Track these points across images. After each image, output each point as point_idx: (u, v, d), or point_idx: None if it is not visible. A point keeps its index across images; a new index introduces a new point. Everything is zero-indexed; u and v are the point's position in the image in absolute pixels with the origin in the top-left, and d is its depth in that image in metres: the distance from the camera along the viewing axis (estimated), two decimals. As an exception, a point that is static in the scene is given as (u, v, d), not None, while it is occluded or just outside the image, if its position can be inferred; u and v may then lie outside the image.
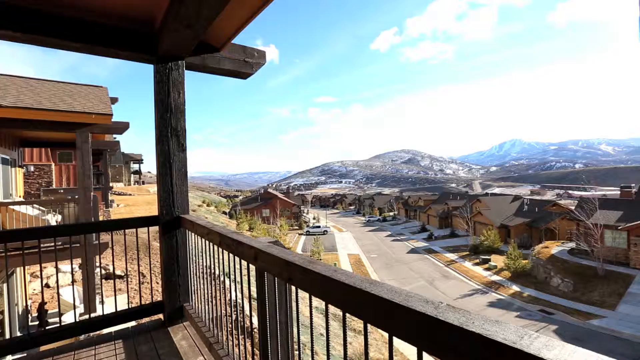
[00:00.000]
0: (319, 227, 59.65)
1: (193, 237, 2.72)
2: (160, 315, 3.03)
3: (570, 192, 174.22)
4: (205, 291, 2.47)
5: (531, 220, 39.34)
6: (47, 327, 2.56)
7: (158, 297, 3.31)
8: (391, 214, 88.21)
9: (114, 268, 6.18)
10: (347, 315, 0.98)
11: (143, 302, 3.03)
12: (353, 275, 1.02)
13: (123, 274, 13.09)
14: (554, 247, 30.09)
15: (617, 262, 25.89)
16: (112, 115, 7.58)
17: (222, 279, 2.80)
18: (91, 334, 2.79)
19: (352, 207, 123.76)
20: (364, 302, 0.89)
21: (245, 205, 68.66)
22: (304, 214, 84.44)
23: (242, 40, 3.44)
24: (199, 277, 2.74)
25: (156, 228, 3.03)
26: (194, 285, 2.82)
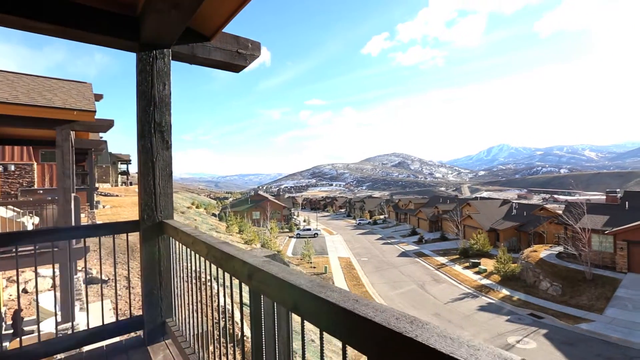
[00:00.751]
0: (309, 229, 59.26)
1: (178, 245, 2.43)
2: (140, 332, 2.71)
3: (555, 196, 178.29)
4: (191, 304, 2.19)
5: (520, 224, 39.85)
6: (3, 351, 2.22)
7: (139, 309, 2.98)
8: (382, 217, 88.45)
9: (101, 273, 5.79)
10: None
11: (128, 313, 2.71)
12: (385, 309, 0.77)
13: (108, 278, 12.55)
14: (543, 251, 30.47)
15: (604, 266, 26.34)
16: (95, 112, 7.18)
17: (210, 283, 2.51)
18: (57, 357, 2.45)
19: (342, 210, 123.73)
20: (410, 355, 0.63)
21: (235, 208, 67.80)
22: (295, 217, 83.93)
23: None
24: (184, 288, 2.45)
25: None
26: (178, 298, 2.52)
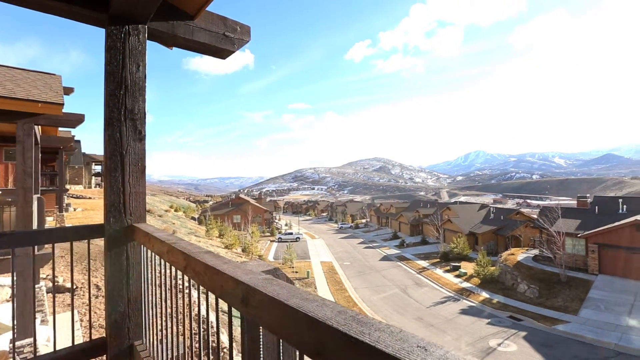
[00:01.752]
0: (291, 233, 58.62)
1: (151, 253, 2.05)
2: (103, 357, 2.29)
3: (528, 201, 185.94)
4: (165, 323, 1.81)
5: (497, 227, 40.97)
6: None
7: (100, 326, 2.55)
8: (363, 221, 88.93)
9: (72, 281, 5.19)
10: None
11: (89, 333, 2.28)
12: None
13: (76, 287, 11.64)
14: (520, 254, 31.37)
15: (577, 268, 27.37)
16: (63, 104, 6.55)
17: (187, 291, 2.13)
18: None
19: (324, 214, 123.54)
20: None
21: (216, 211, 66.16)
22: (276, 221, 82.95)
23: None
24: (157, 305, 2.07)
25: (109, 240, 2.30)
26: (149, 317, 2.13)
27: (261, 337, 0.97)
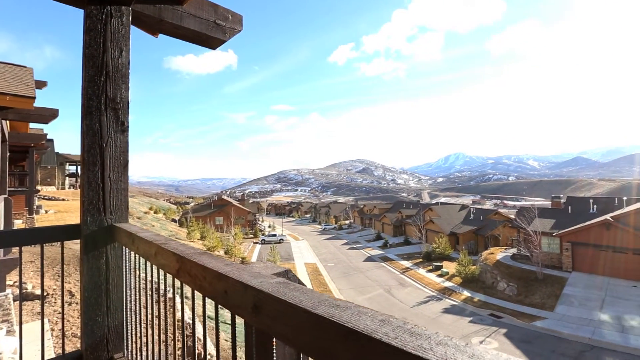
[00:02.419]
0: (274, 235, 58.04)
1: (134, 256, 1.86)
2: (78, 372, 2.07)
3: (505, 202, 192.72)
4: (149, 334, 1.64)
5: (477, 227, 42.10)
6: None
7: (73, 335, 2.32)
8: (347, 222, 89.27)
9: (42, 288, 4.80)
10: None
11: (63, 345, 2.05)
12: None
13: (46, 294, 10.94)
14: (499, 253, 32.30)
15: (552, 266, 28.45)
16: (34, 98, 6.12)
17: (172, 298, 1.95)
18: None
19: (308, 215, 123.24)
20: None
21: (197, 213, 64.64)
22: (259, 222, 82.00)
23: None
24: (141, 312, 1.88)
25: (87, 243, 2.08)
26: (131, 327, 1.93)
27: (275, 354, 0.83)
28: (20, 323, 2.06)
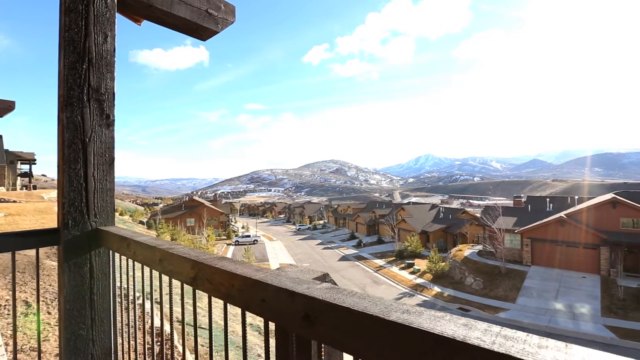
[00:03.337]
0: (248, 236, 57.03)
1: (127, 264, 1.69)
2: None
3: (471, 201, 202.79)
4: (143, 346, 1.49)
5: (446, 226, 43.85)
6: None
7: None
8: (321, 222, 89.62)
9: (14, 301, 4.28)
10: None
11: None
12: None
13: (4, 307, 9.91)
14: (466, 250, 33.85)
15: (514, 261, 30.25)
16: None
17: (140, 300, 1.80)
18: None
19: (282, 216, 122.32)
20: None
21: (167, 214, 61.97)
22: (233, 223, 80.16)
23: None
24: (132, 324, 1.72)
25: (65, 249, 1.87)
26: (122, 341, 1.76)
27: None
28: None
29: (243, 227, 77.38)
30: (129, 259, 1.58)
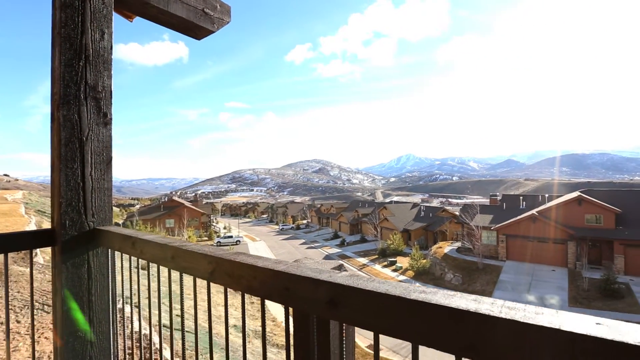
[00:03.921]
0: (231, 237, 56.21)
1: (131, 263, 1.69)
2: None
3: (450, 200, 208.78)
4: (150, 344, 1.50)
5: (427, 224, 44.97)
6: None
7: None
8: (304, 222, 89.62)
9: (7, 305, 4.04)
10: None
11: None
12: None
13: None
14: (446, 247, 34.87)
15: (490, 257, 31.46)
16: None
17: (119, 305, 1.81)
18: None
19: (264, 216, 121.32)
20: None
21: (145, 215, 60.04)
22: (214, 224, 78.74)
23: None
24: (142, 320, 1.72)
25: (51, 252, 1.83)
26: (122, 341, 1.75)
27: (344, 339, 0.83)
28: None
29: (225, 228, 76.18)
30: (132, 258, 1.58)
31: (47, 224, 18.71)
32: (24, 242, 1.81)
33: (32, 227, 14.96)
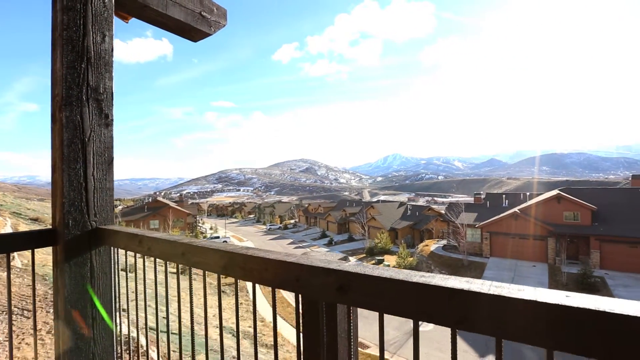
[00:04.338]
0: (217, 237, 55.62)
1: (136, 260, 1.74)
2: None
3: (435, 199, 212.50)
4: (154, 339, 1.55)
5: (413, 223, 45.70)
6: None
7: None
8: (292, 221, 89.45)
9: (10, 305, 3.92)
10: None
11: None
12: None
13: None
14: (432, 245, 35.56)
15: (475, 254, 32.29)
16: None
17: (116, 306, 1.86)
18: None
19: (251, 216, 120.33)
20: None
21: (128, 217, 58.61)
22: (200, 225, 77.64)
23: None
24: (145, 316, 1.76)
25: (44, 253, 1.86)
26: (127, 337, 1.80)
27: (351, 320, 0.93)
28: None
29: (211, 228, 75.23)
30: (137, 257, 1.63)
31: (23, 227, 18.09)
32: (25, 242, 1.82)
33: (7, 229, 14.46)
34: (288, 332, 19.26)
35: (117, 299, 1.92)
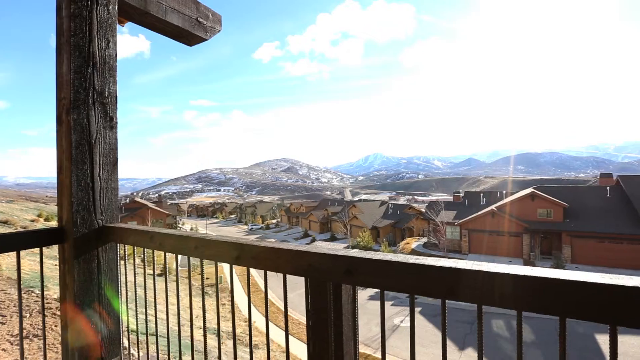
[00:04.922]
0: (199, 238, 54.51)
1: (147, 255, 1.83)
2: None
3: (416, 197, 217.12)
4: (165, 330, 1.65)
5: (395, 221, 46.62)
6: None
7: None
8: (274, 221, 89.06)
9: (20, 302, 3.74)
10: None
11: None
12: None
13: None
14: (413, 243, 36.46)
15: (454, 251, 33.38)
16: None
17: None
18: None
19: (233, 216, 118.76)
20: None
21: (104, 218, 56.42)
22: (180, 225, 75.94)
23: None
24: (144, 319, 1.85)
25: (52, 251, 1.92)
26: (132, 327, 1.88)
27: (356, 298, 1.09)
28: None
29: (192, 229, 73.68)
30: (148, 250, 1.73)
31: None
32: (35, 240, 1.87)
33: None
34: (276, 335, 19.30)
35: (125, 293, 2.00)
